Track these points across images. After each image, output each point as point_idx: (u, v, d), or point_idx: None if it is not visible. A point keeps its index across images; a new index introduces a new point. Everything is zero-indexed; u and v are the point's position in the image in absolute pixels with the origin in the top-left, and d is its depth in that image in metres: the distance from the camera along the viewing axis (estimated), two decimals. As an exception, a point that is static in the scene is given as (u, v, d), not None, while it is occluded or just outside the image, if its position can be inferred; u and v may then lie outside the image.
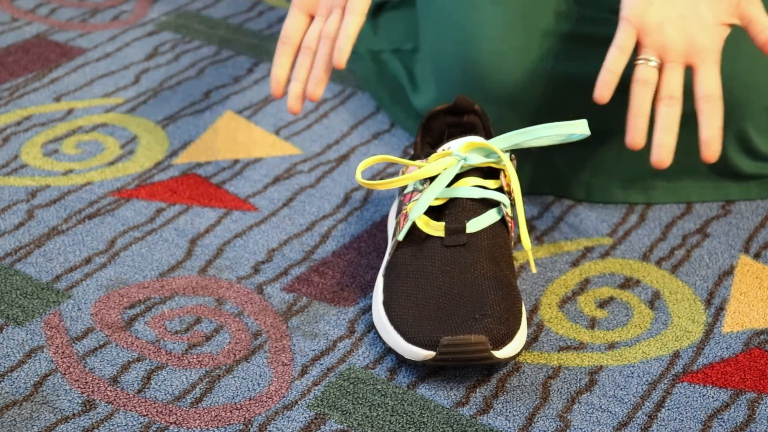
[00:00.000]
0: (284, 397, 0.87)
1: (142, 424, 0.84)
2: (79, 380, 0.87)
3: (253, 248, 1.02)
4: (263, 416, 0.85)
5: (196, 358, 0.90)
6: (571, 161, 1.10)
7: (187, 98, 1.25)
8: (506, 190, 0.96)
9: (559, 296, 0.98)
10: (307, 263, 1.01)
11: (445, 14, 1.11)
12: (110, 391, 0.86)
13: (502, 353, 0.86)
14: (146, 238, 1.03)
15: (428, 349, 0.86)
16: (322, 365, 0.90)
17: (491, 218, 0.93)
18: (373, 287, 0.98)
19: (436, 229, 0.93)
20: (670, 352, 0.92)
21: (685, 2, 0.95)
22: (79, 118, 1.21)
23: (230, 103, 1.24)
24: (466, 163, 0.94)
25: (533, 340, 0.93)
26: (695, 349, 0.93)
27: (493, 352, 0.86)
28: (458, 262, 0.91)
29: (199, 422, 0.84)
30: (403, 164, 0.99)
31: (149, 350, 0.90)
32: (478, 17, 1.09)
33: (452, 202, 0.94)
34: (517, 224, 1.06)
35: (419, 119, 1.18)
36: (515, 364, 0.91)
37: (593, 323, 0.95)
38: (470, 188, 0.94)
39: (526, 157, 1.10)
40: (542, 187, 1.11)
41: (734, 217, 1.09)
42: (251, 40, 1.37)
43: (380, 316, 0.91)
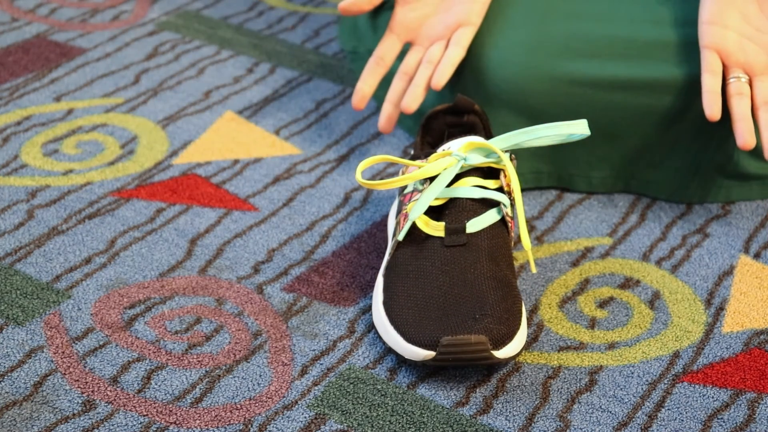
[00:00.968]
0: (284, 397, 0.87)
1: (142, 424, 0.84)
2: (79, 380, 0.87)
3: (253, 248, 1.02)
4: (263, 416, 0.85)
5: (196, 358, 0.90)
6: (571, 157, 1.10)
7: (187, 98, 1.25)
8: (506, 190, 0.96)
9: (559, 296, 0.98)
10: (307, 263, 1.01)
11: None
12: (110, 391, 0.86)
13: (502, 353, 0.86)
14: (146, 238, 1.03)
15: (428, 349, 0.86)
16: (322, 365, 0.90)
17: (491, 218, 0.93)
18: (373, 287, 0.98)
19: (436, 229, 0.93)
20: (670, 352, 0.92)
21: (755, 16, 1.04)
22: (79, 118, 1.21)
23: (230, 103, 1.24)
24: (466, 163, 0.94)
25: (533, 340, 0.93)
26: (695, 349, 0.93)
27: (493, 352, 0.86)
28: (458, 262, 0.91)
29: (199, 422, 0.84)
30: (403, 164, 0.99)
31: (149, 350, 0.90)
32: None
33: (452, 202, 0.94)
34: (517, 224, 1.06)
35: (419, 119, 1.18)
36: (515, 364, 0.91)
37: (593, 323, 0.95)
38: (470, 188, 0.94)
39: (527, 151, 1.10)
40: (546, 180, 1.11)
41: (734, 217, 1.09)
42: (251, 40, 1.37)
43: (380, 316, 0.91)
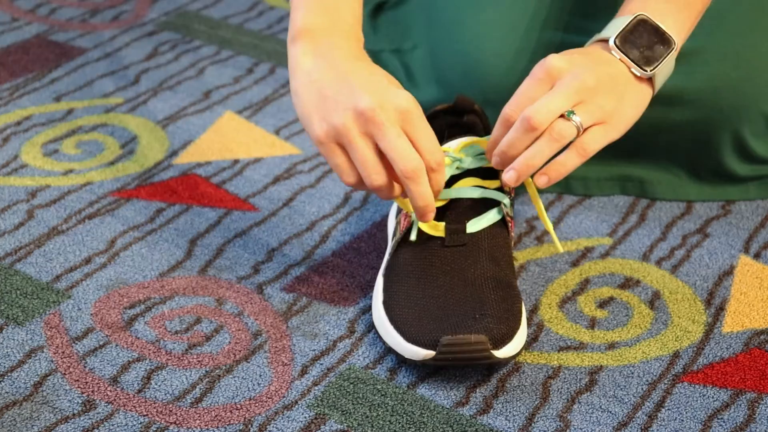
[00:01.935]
0: (284, 397, 0.87)
1: (142, 424, 0.84)
2: (79, 380, 0.87)
3: (253, 248, 1.02)
4: (263, 416, 0.85)
5: (196, 358, 0.90)
6: None
7: (187, 98, 1.25)
8: (506, 189, 0.96)
9: (559, 296, 0.98)
10: (307, 263, 1.01)
11: (446, 14, 1.11)
12: (110, 391, 0.86)
13: (502, 353, 0.86)
14: (146, 238, 1.03)
15: (428, 348, 0.86)
16: (322, 365, 0.90)
17: (491, 218, 0.93)
18: (373, 287, 0.98)
19: (436, 229, 0.93)
20: (670, 352, 0.92)
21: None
22: (79, 118, 1.21)
23: (230, 103, 1.24)
24: (460, 164, 0.93)
25: (533, 340, 0.93)
26: (695, 349, 0.93)
27: (493, 351, 0.86)
28: (458, 262, 0.91)
29: (199, 422, 0.84)
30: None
31: (149, 350, 0.90)
32: (479, 18, 1.09)
33: (452, 202, 0.94)
34: (516, 224, 1.06)
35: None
36: (515, 364, 0.91)
37: (593, 323, 0.95)
38: (470, 188, 0.94)
39: None
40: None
41: (734, 217, 1.09)
42: (251, 40, 1.37)
43: (380, 315, 0.91)
